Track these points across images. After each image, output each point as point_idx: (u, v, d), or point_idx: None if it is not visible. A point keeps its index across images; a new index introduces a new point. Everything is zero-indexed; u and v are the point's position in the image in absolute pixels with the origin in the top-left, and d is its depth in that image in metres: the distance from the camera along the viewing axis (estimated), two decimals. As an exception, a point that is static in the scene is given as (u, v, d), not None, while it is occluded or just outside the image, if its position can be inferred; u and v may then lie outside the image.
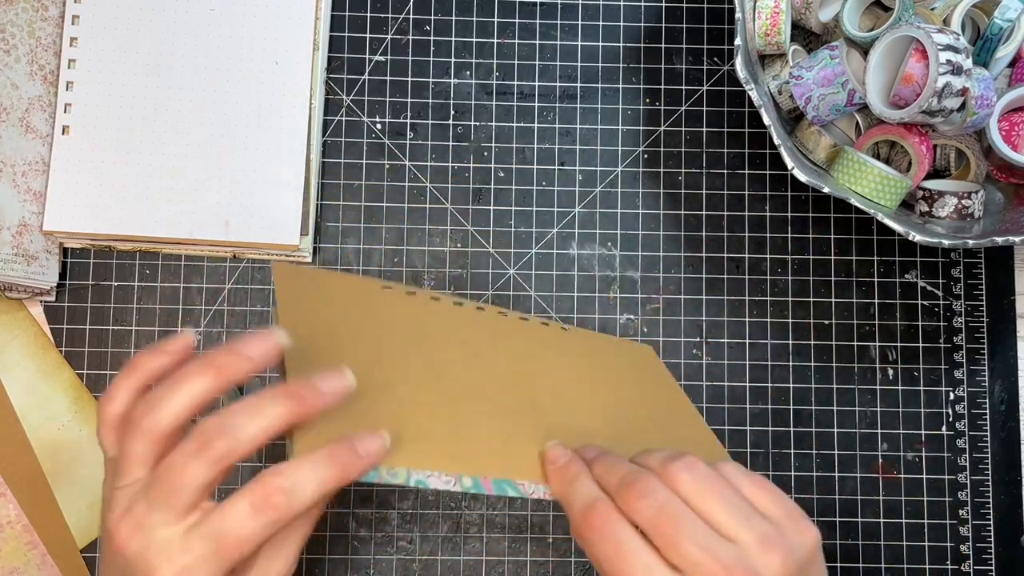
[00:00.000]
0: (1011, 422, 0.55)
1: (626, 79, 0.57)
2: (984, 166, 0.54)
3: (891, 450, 0.55)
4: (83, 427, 0.53)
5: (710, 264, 0.56)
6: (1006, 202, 0.54)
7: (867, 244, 0.57)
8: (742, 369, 0.55)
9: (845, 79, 0.51)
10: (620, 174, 0.56)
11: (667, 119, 0.57)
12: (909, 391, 0.56)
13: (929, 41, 0.47)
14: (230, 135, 0.54)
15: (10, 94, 0.52)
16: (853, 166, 0.51)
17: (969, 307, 0.56)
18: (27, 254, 0.52)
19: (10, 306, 0.54)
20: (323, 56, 0.55)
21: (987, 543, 0.54)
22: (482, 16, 0.57)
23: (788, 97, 0.54)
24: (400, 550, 0.53)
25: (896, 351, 0.56)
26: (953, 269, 0.57)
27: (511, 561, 0.53)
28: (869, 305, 0.56)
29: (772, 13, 0.52)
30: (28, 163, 0.53)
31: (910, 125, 0.52)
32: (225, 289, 0.55)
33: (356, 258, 0.55)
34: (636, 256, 0.56)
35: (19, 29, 0.53)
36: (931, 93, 0.47)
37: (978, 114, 0.49)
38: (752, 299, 0.56)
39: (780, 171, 0.57)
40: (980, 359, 0.56)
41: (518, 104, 0.57)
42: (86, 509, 0.52)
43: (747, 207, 0.56)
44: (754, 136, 0.57)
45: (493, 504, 0.54)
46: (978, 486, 0.55)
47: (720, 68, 0.57)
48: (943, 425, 0.55)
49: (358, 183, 0.56)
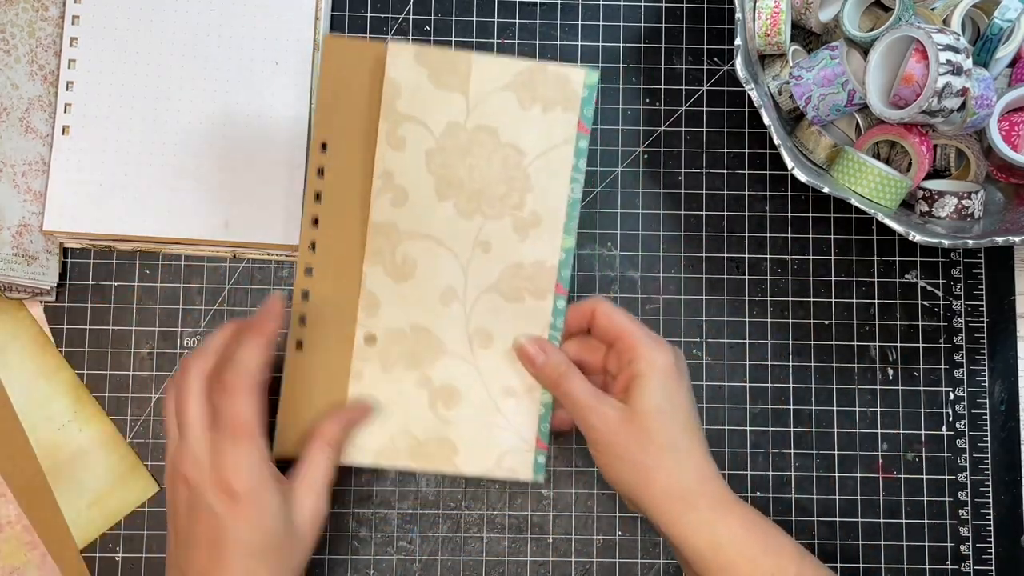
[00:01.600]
0: (1011, 422, 0.55)
1: (626, 79, 0.57)
2: (984, 166, 0.54)
3: (891, 450, 0.55)
4: (83, 427, 0.53)
5: (710, 264, 0.56)
6: (1006, 202, 0.54)
7: (867, 244, 0.57)
8: (742, 369, 0.55)
9: (845, 79, 0.51)
10: (620, 174, 0.56)
11: (667, 119, 0.57)
12: (909, 391, 0.56)
13: (929, 41, 0.47)
14: (230, 135, 0.54)
15: (10, 94, 0.52)
16: (853, 166, 0.51)
17: (969, 307, 0.56)
18: (27, 254, 0.52)
19: (10, 306, 0.54)
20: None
21: (987, 543, 0.54)
22: (482, 16, 0.57)
23: (788, 97, 0.54)
24: (400, 550, 0.53)
25: (896, 351, 0.56)
26: (953, 269, 0.57)
27: (511, 561, 0.53)
28: (869, 305, 0.56)
29: (772, 13, 0.52)
30: (28, 163, 0.53)
31: (910, 125, 0.52)
32: (225, 289, 0.54)
33: (356, 258, 0.55)
34: (636, 256, 0.56)
35: (19, 29, 0.53)
36: (931, 93, 0.47)
37: (978, 114, 0.49)
38: (752, 299, 0.56)
39: (780, 171, 0.57)
40: (980, 359, 0.56)
41: (518, 104, 0.56)
42: (86, 509, 0.52)
43: (747, 207, 0.56)
44: (754, 136, 0.57)
45: (493, 504, 0.54)
46: (978, 486, 0.55)
47: (720, 68, 0.57)
48: (943, 425, 0.55)
49: (358, 183, 0.56)
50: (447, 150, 0.48)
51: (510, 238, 0.49)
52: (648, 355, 0.45)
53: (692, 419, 0.46)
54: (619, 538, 0.54)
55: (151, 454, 0.53)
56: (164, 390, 0.52)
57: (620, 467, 0.45)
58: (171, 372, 0.54)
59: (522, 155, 0.49)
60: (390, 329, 0.49)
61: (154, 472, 0.53)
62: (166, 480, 0.45)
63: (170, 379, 0.52)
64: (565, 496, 0.54)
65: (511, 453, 0.49)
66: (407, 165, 0.48)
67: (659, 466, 0.44)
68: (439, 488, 0.54)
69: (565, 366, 0.47)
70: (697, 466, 0.44)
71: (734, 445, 0.55)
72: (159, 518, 0.53)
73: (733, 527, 0.43)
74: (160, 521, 0.53)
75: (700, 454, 0.45)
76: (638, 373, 0.45)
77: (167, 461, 0.44)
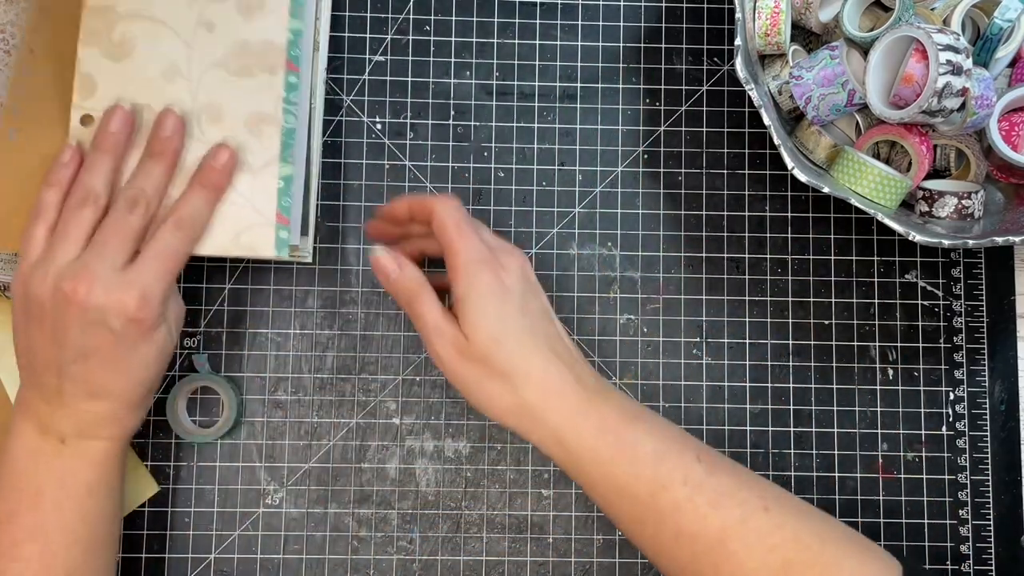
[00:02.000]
0: (1011, 422, 0.55)
1: (626, 79, 0.57)
2: (984, 166, 0.54)
3: (891, 450, 0.55)
4: (83, 427, 0.53)
5: (710, 264, 0.56)
6: (1006, 202, 0.54)
7: (867, 244, 0.57)
8: (742, 369, 0.55)
9: (845, 79, 0.51)
10: (620, 174, 0.56)
11: (667, 119, 0.57)
12: (909, 391, 0.56)
13: (929, 41, 0.47)
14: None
15: (10, 94, 0.52)
16: (853, 166, 0.51)
17: (969, 307, 0.56)
18: (27, 254, 0.52)
19: (10, 306, 0.54)
20: (323, 56, 0.55)
21: (987, 543, 0.54)
22: (482, 16, 0.57)
23: (788, 97, 0.54)
24: (400, 550, 0.53)
25: (896, 351, 0.56)
26: (953, 269, 0.57)
27: (511, 561, 0.53)
28: (869, 305, 0.56)
29: (772, 13, 0.52)
30: (28, 163, 0.53)
31: (910, 125, 0.52)
32: (225, 289, 0.55)
33: (356, 258, 0.55)
34: (636, 256, 0.56)
35: (19, 29, 0.53)
36: (931, 93, 0.47)
37: (978, 114, 0.49)
38: (752, 299, 0.56)
39: (780, 171, 0.57)
40: (980, 359, 0.56)
41: (518, 104, 0.57)
42: (86, 509, 0.52)
43: (747, 207, 0.57)
44: (754, 136, 0.57)
45: (493, 504, 0.54)
46: (978, 486, 0.55)
47: (720, 68, 0.57)
48: (943, 425, 0.55)
49: (358, 183, 0.56)
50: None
51: (234, 19, 0.49)
52: (467, 279, 0.43)
53: (530, 336, 0.44)
54: (619, 538, 0.54)
55: (151, 454, 0.53)
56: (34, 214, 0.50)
57: (467, 393, 0.44)
58: (171, 373, 0.54)
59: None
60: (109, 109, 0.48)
61: (154, 472, 0.53)
62: (36, 281, 0.44)
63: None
64: (565, 496, 0.54)
65: (249, 230, 0.48)
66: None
67: (501, 392, 0.43)
68: (439, 488, 0.54)
69: (418, 284, 0.45)
70: (539, 384, 0.43)
71: (734, 445, 0.55)
72: (159, 518, 0.53)
73: (584, 435, 0.43)
74: (161, 521, 0.53)
75: (540, 371, 0.43)
76: (461, 298, 0.43)
77: (49, 271, 0.44)
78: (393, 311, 0.55)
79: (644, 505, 0.42)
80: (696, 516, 0.42)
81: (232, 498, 0.53)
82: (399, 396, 0.54)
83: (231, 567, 0.53)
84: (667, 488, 0.42)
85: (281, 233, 0.49)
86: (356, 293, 0.55)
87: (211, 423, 0.54)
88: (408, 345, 0.55)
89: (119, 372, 0.44)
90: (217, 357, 0.54)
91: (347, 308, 0.55)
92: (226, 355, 0.54)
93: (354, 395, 0.54)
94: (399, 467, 0.54)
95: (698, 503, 0.42)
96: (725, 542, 0.41)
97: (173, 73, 0.49)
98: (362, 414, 0.54)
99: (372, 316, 0.55)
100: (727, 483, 0.42)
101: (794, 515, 0.43)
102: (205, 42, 0.49)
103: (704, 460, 0.43)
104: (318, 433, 0.54)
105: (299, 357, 0.54)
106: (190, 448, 0.53)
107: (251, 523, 0.53)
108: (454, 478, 0.54)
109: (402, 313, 0.55)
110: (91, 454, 0.45)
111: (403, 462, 0.54)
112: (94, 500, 0.45)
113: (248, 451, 0.53)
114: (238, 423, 0.53)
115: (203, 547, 0.53)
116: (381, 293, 0.55)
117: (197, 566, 0.53)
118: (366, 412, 0.54)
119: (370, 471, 0.54)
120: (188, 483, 0.53)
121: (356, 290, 0.55)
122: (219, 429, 0.53)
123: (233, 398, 0.53)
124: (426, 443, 0.54)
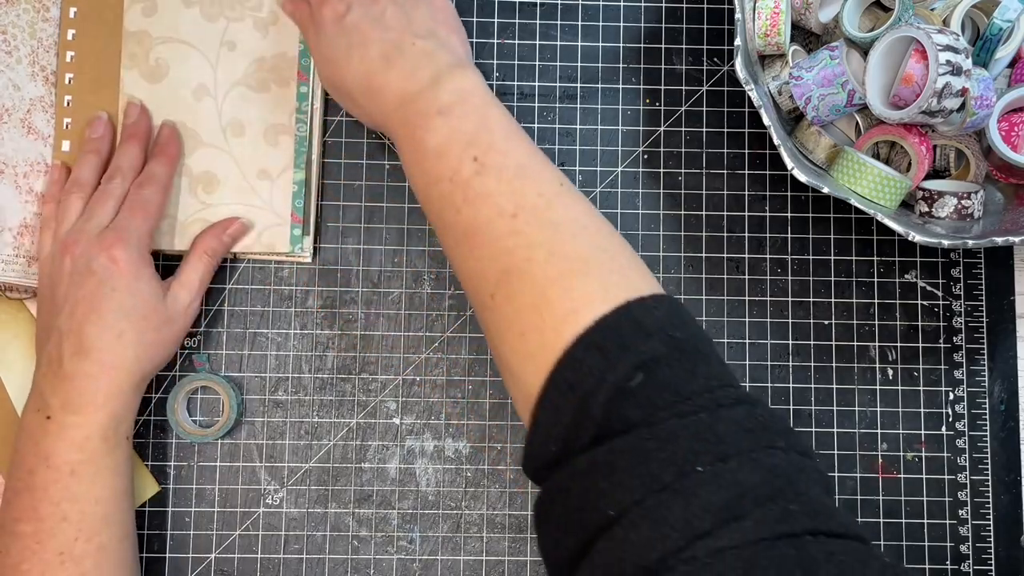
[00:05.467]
0: (1011, 422, 0.55)
1: (626, 79, 0.57)
2: (984, 166, 0.54)
3: (891, 450, 0.55)
4: (84, 427, 0.53)
5: (710, 264, 0.56)
6: (1006, 202, 0.54)
7: (867, 244, 0.57)
8: (742, 369, 0.55)
9: (845, 79, 0.51)
10: (620, 174, 0.56)
11: (667, 119, 0.57)
12: (909, 391, 0.56)
13: (929, 41, 0.47)
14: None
15: (12, 95, 0.53)
16: (853, 166, 0.51)
17: (969, 307, 0.56)
18: (28, 255, 0.53)
19: (10, 306, 0.54)
20: (323, 56, 0.55)
21: (987, 543, 0.54)
22: (482, 16, 0.57)
23: (788, 97, 0.54)
24: (400, 550, 0.53)
25: (896, 351, 0.56)
26: (953, 269, 0.57)
27: (511, 561, 0.53)
28: (869, 305, 0.56)
29: (772, 13, 0.52)
30: (30, 164, 0.53)
31: (910, 125, 0.52)
32: (225, 289, 0.55)
33: (356, 258, 0.55)
34: (636, 256, 0.56)
35: (20, 30, 0.53)
36: (931, 93, 0.47)
37: (978, 114, 0.49)
38: (752, 299, 0.56)
39: (780, 171, 0.57)
40: (980, 359, 0.56)
41: (518, 104, 0.57)
42: (87, 509, 0.53)
43: (747, 207, 0.57)
44: (754, 136, 0.57)
45: (493, 504, 0.54)
46: (978, 486, 0.55)
47: (720, 68, 0.57)
48: (943, 425, 0.55)
49: (358, 183, 0.56)
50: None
51: (252, 36, 0.54)
52: None
53: (382, 52, 0.46)
54: (619, 538, 0.54)
55: (151, 454, 0.53)
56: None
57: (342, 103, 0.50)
58: (171, 373, 0.54)
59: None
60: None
61: (154, 472, 0.53)
62: (46, 264, 0.50)
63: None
64: (565, 496, 0.54)
65: (269, 229, 0.54)
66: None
67: (363, 111, 0.48)
68: (439, 488, 0.54)
69: None
70: (396, 97, 0.45)
71: (734, 445, 0.55)
72: (160, 518, 0.53)
73: (439, 136, 0.43)
74: (161, 521, 0.53)
75: (389, 97, 0.45)
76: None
77: (53, 245, 0.50)
78: (393, 311, 0.55)
79: (425, 195, 0.44)
80: (452, 209, 0.42)
81: (232, 498, 0.53)
82: (399, 396, 0.54)
83: (231, 567, 0.53)
84: (438, 182, 0.43)
85: (295, 231, 0.54)
86: (356, 293, 0.55)
87: (211, 423, 0.54)
88: (408, 345, 0.55)
89: (101, 318, 0.47)
90: (217, 357, 0.54)
91: (347, 308, 0.55)
92: (226, 355, 0.54)
93: (354, 395, 0.54)
94: (399, 467, 0.54)
95: (455, 199, 0.42)
96: (470, 236, 0.41)
97: (202, 93, 0.54)
98: (362, 414, 0.54)
99: (372, 316, 0.55)
100: (492, 186, 0.42)
101: (542, 228, 0.41)
102: (227, 61, 0.54)
103: (481, 160, 0.42)
104: (318, 433, 0.54)
105: (299, 357, 0.54)
106: (190, 448, 0.53)
107: (251, 523, 0.53)
108: (454, 478, 0.54)
109: (402, 313, 0.55)
110: (71, 434, 0.46)
111: (403, 462, 0.54)
112: (78, 482, 0.46)
113: (248, 451, 0.53)
114: (238, 423, 0.53)
115: (203, 547, 0.53)
116: (381, 293, 0.55)
117: (197, 566, 0.53)
118: (366, 412, 0.54)
119: (370, 471, 0.54)
120: (188, 483, 0.53)
121: (356, 290, 0.55)
122: (219, 429, 0.53)
123: (233, 398, 0.53)
124: (426, 443, 0.54)
